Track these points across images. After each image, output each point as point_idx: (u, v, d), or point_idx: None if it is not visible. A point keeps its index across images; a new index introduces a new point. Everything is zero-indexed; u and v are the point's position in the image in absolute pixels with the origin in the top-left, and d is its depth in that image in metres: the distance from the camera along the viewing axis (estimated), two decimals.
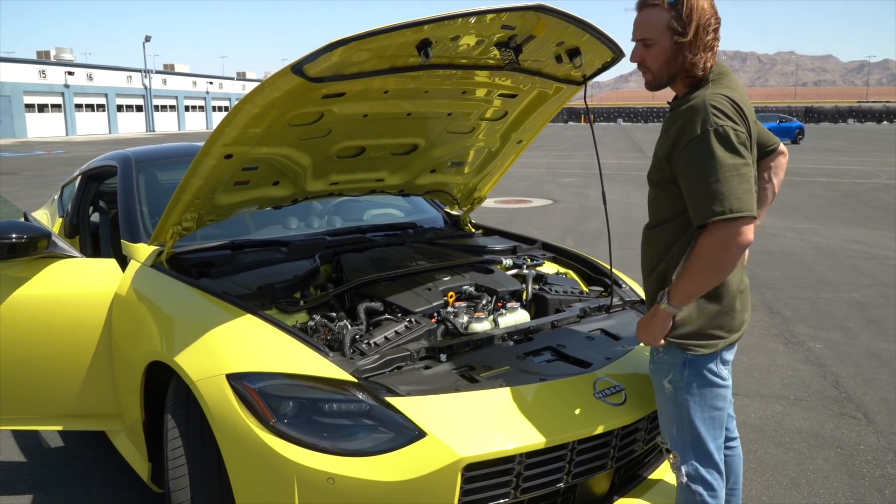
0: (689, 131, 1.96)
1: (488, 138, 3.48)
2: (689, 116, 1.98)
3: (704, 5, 2.00)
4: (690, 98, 2.03)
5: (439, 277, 3.02)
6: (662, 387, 2.18)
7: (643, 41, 2.08)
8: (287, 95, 2.37)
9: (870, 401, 4.20)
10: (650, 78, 2.12)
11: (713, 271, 1.97)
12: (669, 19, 2.00)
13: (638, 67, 2.14)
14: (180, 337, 2.47)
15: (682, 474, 2.18)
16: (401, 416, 2.10)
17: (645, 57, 2.09)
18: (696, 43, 2.01)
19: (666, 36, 2.02)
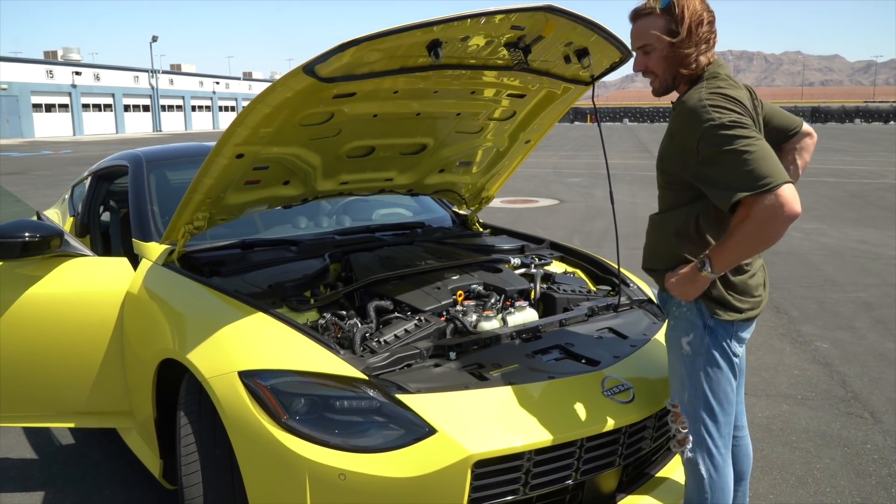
0: (692, 133, 2.00)
1: (496, 138, 3.50)
2: (687, 119, 2.02)
3: (695, 3, 2.08)
4: (685, 99, 2.08)
5: (448, 276, 3.04)
6: (680, 346, 2.22)
7: (642, 49, 2.15)
8: (298, 95, 2.39)
9: (876, 400, 4.20)
10: (657, 83, 2.18)
11: (758, 241, 1.98)
12: (664, 24, 2.08)
13: (644, 75, 2.20)
14: (192, 335, 2.50)
15: (689, 442, 2.23)
16: (411, 413, 2.12)
17: (647, 63, 2.16)
18: (690, 38, 2.08)
19: (662, 40, 2.09)
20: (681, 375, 2.23)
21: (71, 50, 56.64)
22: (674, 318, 2.25)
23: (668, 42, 2.09)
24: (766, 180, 1.89)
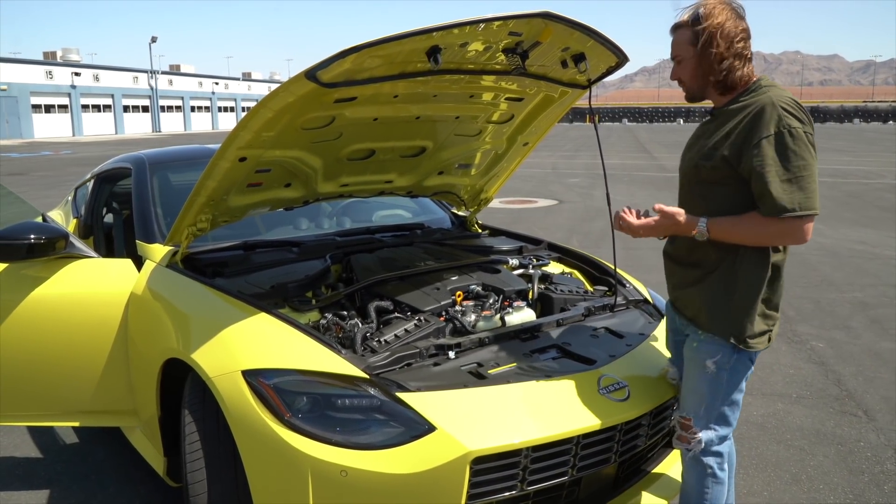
0: (761, 129, 2.10)
1: (495, 141, 3.55)
2: (758, 115, 2.12)
3: (722, 19, 2.18)
4: (747, 100, 2.19)
5: (447, 277, 3.09)
6: (703, 366, 2.29)
7: (675, 59, 2.30)
8: (300, 100, 2.44)
9: (870, 399, 4.26)
10: (685, 89, 2.33)
11: (760, 242, 2.20)
12: (691, 36, 2.21)
13: (679, 84, 2.34)
14: (197, 334, 2.54)
15: (699, 445, 2.32)
16: (411, 411, 2.17)
17: (678, 72, 2.31)
18: (720, 53, 2.18)
19: (690, 50, 2.23)
20: (701, 392, 2.32)
21: (70, 50, 56.67)
22: (698, 341, 2.32)
23: (694, 52, 2.22)
24: (811, 210, 2.09)
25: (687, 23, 2.22)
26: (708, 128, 2.31)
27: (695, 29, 2.20)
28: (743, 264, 2.25)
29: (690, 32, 2.21)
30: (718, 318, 2.26)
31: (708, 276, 2.29)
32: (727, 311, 2.25)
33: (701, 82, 2.27)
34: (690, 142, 2.40)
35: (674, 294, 2.45)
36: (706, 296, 2.29)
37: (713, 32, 2.17)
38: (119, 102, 57.26)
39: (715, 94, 2.29)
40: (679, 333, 2.50)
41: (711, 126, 2.29)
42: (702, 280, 2.30)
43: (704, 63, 2.21)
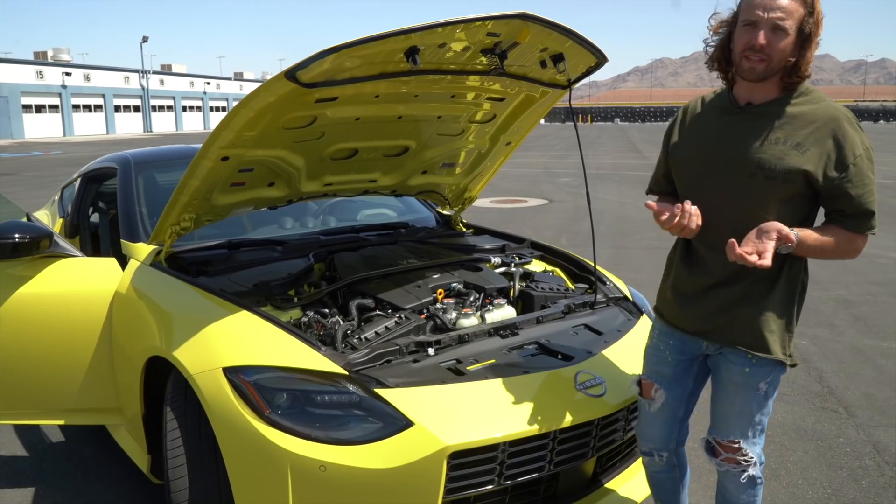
0: (855, 146, 1.96)
1: (478, 140, 3.58)
2: (841, 130, 1.97)
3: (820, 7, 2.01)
4: (808, 106, 2.01)
5: (429, 275, 3.12)
6: (756, 388, 2.14)
7: (778, 25, 1.95)
8: (281, 100, 2.47)
9: (851, 395, 4.31)
10: (763, 68, 1.98)
11: (828, 256, 2.05)
12: (804, 14, 1.96)
13: (751, 53, 1.98)
14: (179, 332, 2.57)
15: (756, 467, 2.22)
16: (389, 407, 2.20)
17: (772, 42, 1.96)
18: (813, 42, 1.98)
19: (795, 30, 1.96)
20: (750, 414, 2.18)
21: (61, 50, 56.47)
22: (751, 366, 2.14)
23: (796, 33, 1.96)
24: (875, 221, 2.01)
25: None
26: (747, 126, 2.05)
27: (808, 8, 1.96)
28: (791, 275, 2.11)
29: (804, 10, 1.96)
30: (775, 338, 2.10)
31: (761, 292, 2.10)
32: (782, 329, 2.11)
33: (783, 66, 1.99)
34: (712, 137, 2.12)
35: (707, 320, 2.17)
36: (763, 316, 2.09)
37: (819, 19, 1.97)
38: (110, 102, 57.07)
39: (774, 86, 2.04)
40: (687, 354, 2.29)
41: (754, 125, 2.04)
42: (754, 298, 2.10)
43: (802, 40, 1.97)
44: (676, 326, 2.28)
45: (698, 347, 2.26)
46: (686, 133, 2.22)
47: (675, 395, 2.35)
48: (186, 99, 68.06)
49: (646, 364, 2.42)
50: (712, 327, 2.17)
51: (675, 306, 2.26)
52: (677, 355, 2.31)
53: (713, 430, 2.27)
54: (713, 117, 2.16)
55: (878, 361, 4.88)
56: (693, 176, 2.17)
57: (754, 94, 2.07)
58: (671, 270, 2.32)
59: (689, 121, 2.24)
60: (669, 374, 2.33)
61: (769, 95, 2.05)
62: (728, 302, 2.13)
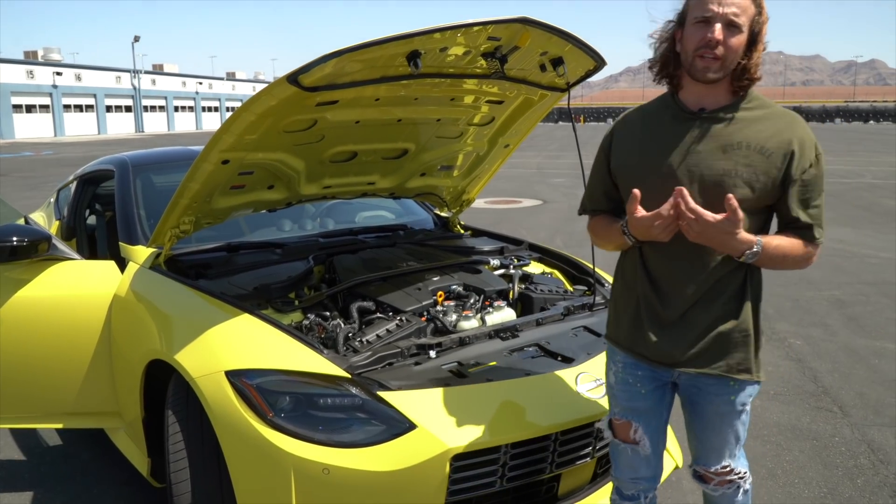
0: (810, 151, 1.90)
1: (476, 143, 3.59)
2: (803, 132, 1.91)
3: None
4: (764, 110, 1.94)
5: (429, 277, 3.13)
6: (742, 412, 2.05)
7: (733, 21, 1.85)
8: (282, 104, 2.48)
9: (846, 395, 4.34)
10: (718, 66, 1.87)
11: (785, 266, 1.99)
12: (754, 13, 1.89)
13: (706, 50, 1.86)
14: (180, 336, 2.57)
15: (747, 482, 2.16)
16: (392, 410, 2.22)
17: (727, 38, 1.86)
18: (761, 42, 1.91)
19: (747, 27, 1.88)
20: (737, 436, 2.09)
21: (52, 50, 56.17)
22: (735, 392, 2.02)
23: (749, 22, 1.88)
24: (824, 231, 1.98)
25: None
26: (706, 133, 1.93)
27: (758, 8, 1.89)
28: (754, 287, 2.02)
29: (754, 8, 1.88)
30: (753, 357, 2.01)
31: (734, 310, 1.98)
32: (756, 346, 2.02)
33: (736, 61, 1.89)
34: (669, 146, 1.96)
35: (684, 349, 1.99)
36: (739, 335, 1.98)
37: (766, 19, 1.91)
38: (101, 102, 56.83)
39: (724, 90, 1.94)
40: (658, 381, 2.11)
41: (713, 131, 1.92)
42: (729, 316, 1.97)
43: (751, 40, 1.89)
44: (645, 357, 2.07)
45: (668, 374, 2.08)
46: (635, 145, 2.05)
47: (653, 427, 2.16)
48: (178, 99, 67.84)
49: (615, 402, 2.20)
50: (691, 355, 1.98)
51: (646, 337, 2.03)
52: (649, 385, 2.11)
53: (701, 461, 2.15)
54: (665, 126, 1.99)
55: (871, 361, 4.92)
56: (652, 189, 1.94)
57: (704, 99, 1.95)
58: (631, 299, 2.08)
59: (636, 132, 2.07)
60: (645, 407, 2.14)
61: (721, 101, 1.95)
62: (706, 325, 1.97)
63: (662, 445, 2.22)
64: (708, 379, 2.01)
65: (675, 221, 1.85)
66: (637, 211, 1.90)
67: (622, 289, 2.13)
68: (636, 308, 2.06)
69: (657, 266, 2.02)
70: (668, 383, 2.12)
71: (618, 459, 2.23)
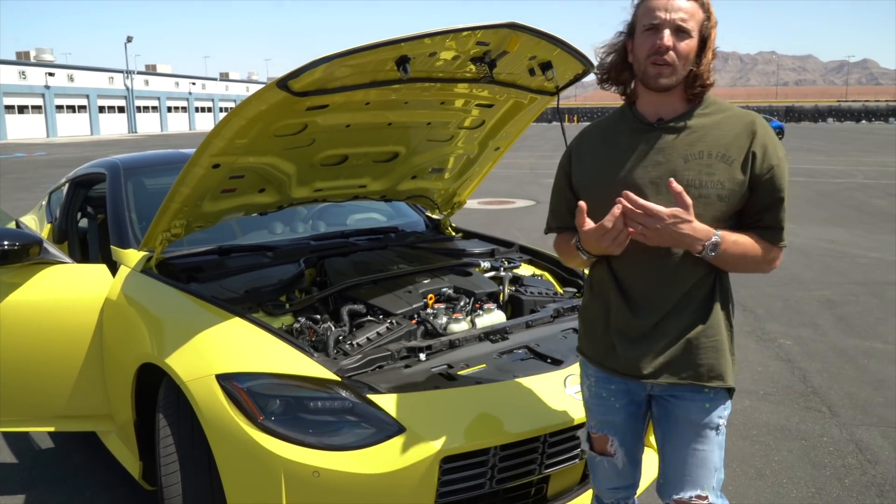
0: (776, 151, 1.86)
1: (467, 146, 3.61)
2: (764, 134, 1.87)
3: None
4: (723, 114, 1.90)
5: (419, 280, 3.14)
6: (716, 427, 1.95)
7: (681, 26, 1.82)
8: (272, 108, 2.49)
9: (834, 395, 4.37)
10: (670, 72, 1.84)
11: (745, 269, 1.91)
12: (703, 18, 1.86)
13: (657, 57, 1.83)
14: (171, 339, 2.58)
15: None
16: (382, 413, 2.23)
17: (676, 43, 1.83)
18: (710, 47, 1.88)
19: (696, 34, 1.85)
20: (712, 460, 1.96)
21: (44, 51, 56.03)
22: (709, 401, 1.94)
23: (699, 27, 1.85)
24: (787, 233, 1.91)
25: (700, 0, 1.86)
26: (666, 143, 1.89)
27: (706, 13, 1.86)
28: (724, 290, 1.96)
29: (702, 13, 1.85)
30: (726, 363, 1.93)
31: (704, 315, 1.92)
32: (729, 352, 1.95)
33: (688, 66, 1.86)
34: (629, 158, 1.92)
35: (655, 361, 1.92)
36: (711, 340, 1.92)
37: (715, 21, 1.88)
38: (94, 103, 56.67)
39: (679, 95, 1.91)
40: (632, 395, 2.04)
41: (673, 141, 1.88)
42: (699, 321, 1.92)
43: (701, 45, 1.86)
44: (616, 371, 2.00)
45: (642, 388, 2.01)
46: (596, 161, 2.00)
47: (630, 438, 2.11)
48: (171, 99, 67.69)
49: (591, 415, 2.16)
50: (661, 365, 1.92)
51: (616, 351, 1.98)
52: (623, 399, 2.05)
53: (673, 489, 1.98)
54: (624, 138, 1.95)
55: (860, 361, 4.96)
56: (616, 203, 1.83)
57: (661, 108, 1.92)
58: (601, 312, 2.03)
59: (596, 147, 2.03)
60: (620, 421, 2.08)
61: (677, 109, 1.91)
62: (677, 333, 1.91)
63: (640, 454, 2.17)
64: (681, 389, 1.94)
65: (624, 231, 1.79)
66: (585, 224, 1.84)
67: (591, 302, 2.08)
68: (606, 321, 2.01)
69: (626, 277, 1.96)
70: (643, 397, 2.04)
71: (595, 471, 2.19)
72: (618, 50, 1.97)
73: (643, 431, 2.14)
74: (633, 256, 1.90)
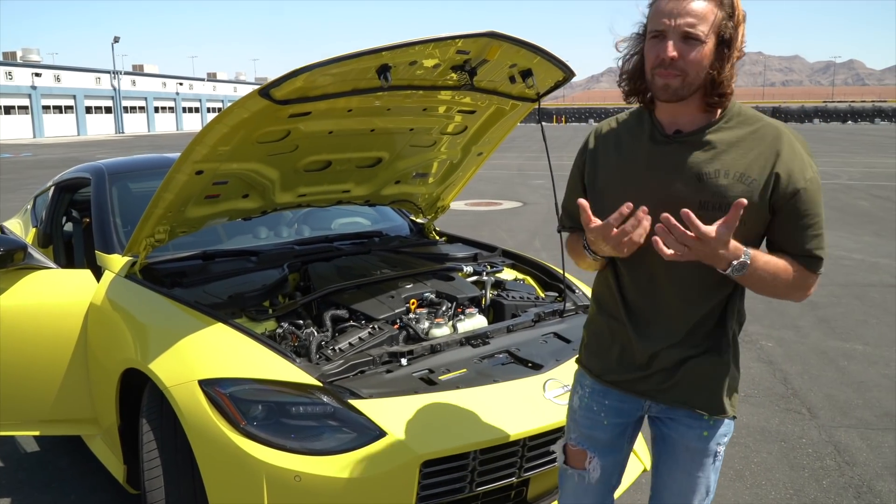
0: (805, 170, 1.69)
1: (450, 151, 3.64)
2: (792, 150, 1.71)
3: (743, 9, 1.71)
4: (750, 126, 1.75)
5: (402, 285, 3.17)
6: (715, 455, 1.89)
7: (689, 33, 1.64)
8: (255, 116, 2.52)
9: (814, 396, 4.43)
10: (679, 84, 1.68)
11: (776, 294, 1.76)
12: (722, 18, 1.66)
13: (665, 67, 1.68)
14: (154, 345, 2.60)
15: None
16: (363, 418, 2.26)
17: (684, 53, 1.65)
18: (734, 53, 1.69)
19: (712, 37, 1.66)
20: (707, 487, 1.92)
21: (30, 51, 55.67)
22: (708, 429, 1.86)
23: (715, 43, 1.67)
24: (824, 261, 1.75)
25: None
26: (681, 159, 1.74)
27: (728, 10, 1.67)
28: (737, 312, 1.85)
29: (721, 13, 1.65)
30: (730, 393, 1.85)
31: (715, 344, 1.82)
32: (734, 381, 1.86)
33: (701, 82, 1.69)
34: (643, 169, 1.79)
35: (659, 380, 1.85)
36: (719, 368, 1.82)
37: (741, 25, 1.68)
38: (81, 103, 56.35)
39: (696, 105, 1.74)
40: (625, 416, 1.96)
41: (688, 157, 1.73)
42: (707, 346, 1.81)
43: (717, 60, 1.67)
44: (616, 385, 1.93)
45: (639, 408, 1.94)
46: (609, 166, 1.88)
47: (609, 462, 2.02)
48: (159, 100, 67.38)
49: (574, 427, 2.05)
50: (666, 386, 1.85)
51: (618, 365, 1.91)
52: (614, 418, 1.96)
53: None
54: (641, 146, 1.82)
55: (840, 363, 5.02)
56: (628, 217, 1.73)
57: (679, 118, 1.77)
58: (605, 327, 1.95)
59: (610, 148, 1.90)
60: (605, 439, 1.99)
61: (697, 120, 1.76)
62: (682, 358, 1.82)
63: (616, 479, 2.08)
64: (680, 412, 1.87)
65: (632, 235, 1.66)
66: (592, 221, 1.70)
67: (598, 316, 1.98)
68: (611, 337, 1.93)
69: (635, 298, 1.86)
70: (636, 418, 1.97)
71: (563, 485, 2.11)
72: (637, 53, 1.80)
73: (624, 459, 2.07)
74: (645, 279, 1.82)
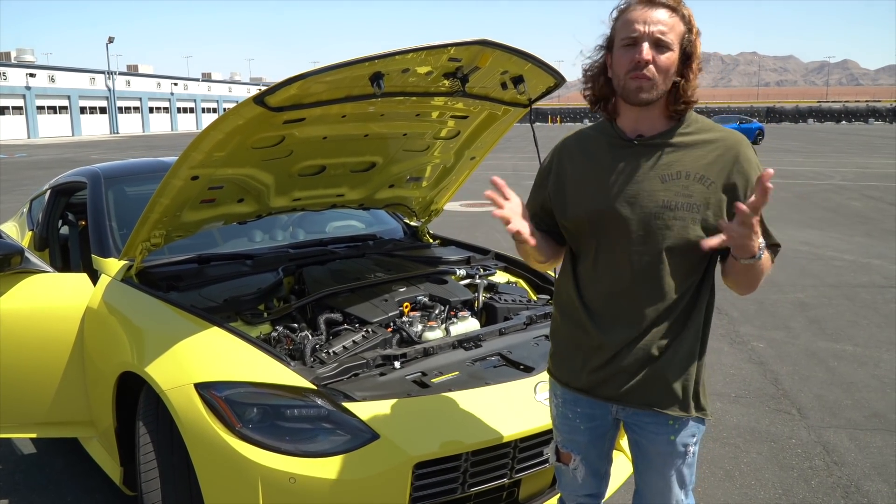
0: (755, 172, 1.81)
1: (443, 155, 3.68)
2: (747, 156, 1.83)
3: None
4: (708, 134, 1.86)
5: (396, 288, 3.21)
6: (685, 453, 1.95)
7: (661, 39, 1.77)
8: (250, 122, 2.55)
9: (804, 397, 4.49)
10: (650, 86, 1.78)
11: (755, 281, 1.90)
12: (684, 31, 1.80)
13: (638, 71, 1.78)
14: (150, 348, 2.63)
15: None
16: (356, 420, 2.30)
17: (656, 57, 1.78)
18: (694, 64, 1.82)
19: (677, 47, 1.79)
20: (682, 478, 1.99)
21: (25, 51, 55.54)
22: (675, 432, 1.92)
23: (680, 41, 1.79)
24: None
25: (680, 12, 1.80)
26: (643, 161, 1.85)
27: (684, 13, 1.80)
28: (708, 307, 1.94)
29: (683, 27, 1.79)
30: (694, 393, 1.90)
31: (681, 335, 1.89)
32: (700, 377, 1.92)
33: (669, 83, 1.81)
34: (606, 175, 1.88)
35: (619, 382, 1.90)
36: (681, 365, 1.88)
37: (697, 32, 1.82)
38: (76, 104, 56.28)
39: (660, 112, 1.85)
40: (598, 420, 2.03)
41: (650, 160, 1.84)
42: (674, 342, 1.88)
43: (683, 60, 1.81)
44: (582, 391, 1.99)
45: (608, 412, 2.00)
46: (575, 173, 1.97)
47: (594, 456, 2.11)
48: (153, 100, 67.33)
49: (558, 432, 2.16)
50: (628, 388, 1.90)
51: (583, 372, 1.97)
52: (588, 423, 2.04)
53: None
54: (604, 153, 1.92)
55: (830, 363, 5.08)
56: (593, 218, 1.90)
57: (641, 125, 1.87)
58: (567, 333, 2.02)
59: (575, 161, 1.99)
60: (585, 441, 2.08)
61: (657, 126, 1.86)
62: (645, 357, 1.87)
63: (606, 468, 2.17)
64: (646, 416, 1.92)
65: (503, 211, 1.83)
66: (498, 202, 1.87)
67: (560, 321, 2.06)
68: (574, 344, 1.99)
69: (594, 301, 1.93)
70: (610, 421, 2.03)
71: (561, 478, 2.22)
72: (598, 66, 1.91)
73: (610, 450, 2.14)
74: (606, 283, 1.90)
